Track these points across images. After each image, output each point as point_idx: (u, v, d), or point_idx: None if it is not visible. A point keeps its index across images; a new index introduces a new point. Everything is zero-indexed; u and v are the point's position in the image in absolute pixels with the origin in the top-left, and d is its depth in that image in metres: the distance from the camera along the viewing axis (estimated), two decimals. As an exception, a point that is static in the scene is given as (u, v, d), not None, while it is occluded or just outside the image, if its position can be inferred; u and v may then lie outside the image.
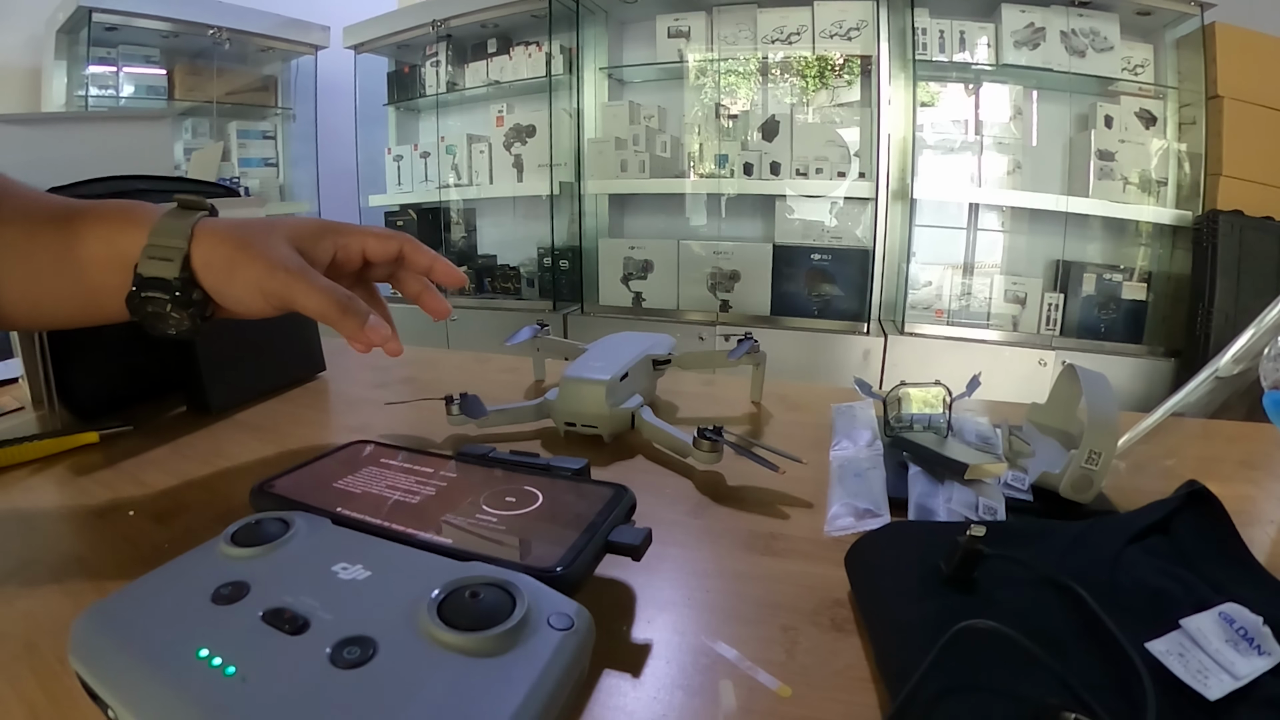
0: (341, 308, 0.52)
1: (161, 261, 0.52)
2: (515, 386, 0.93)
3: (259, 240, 0.53)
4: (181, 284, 0.52)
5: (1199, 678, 0.33)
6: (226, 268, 0.53)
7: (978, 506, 0.54)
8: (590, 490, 0.49)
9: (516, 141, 3.51)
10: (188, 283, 0.52)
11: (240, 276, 0.53)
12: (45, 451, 0.70)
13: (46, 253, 0.53)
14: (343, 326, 0.52)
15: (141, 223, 0.53)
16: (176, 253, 0.52)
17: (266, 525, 0.40)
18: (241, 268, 0.52)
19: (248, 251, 0.52)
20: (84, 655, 0.32)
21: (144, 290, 0.52)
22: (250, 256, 0.52)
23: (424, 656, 0.30)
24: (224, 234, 0.53)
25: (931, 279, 3.01)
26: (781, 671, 0.38)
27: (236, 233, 0.54)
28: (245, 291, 0.53)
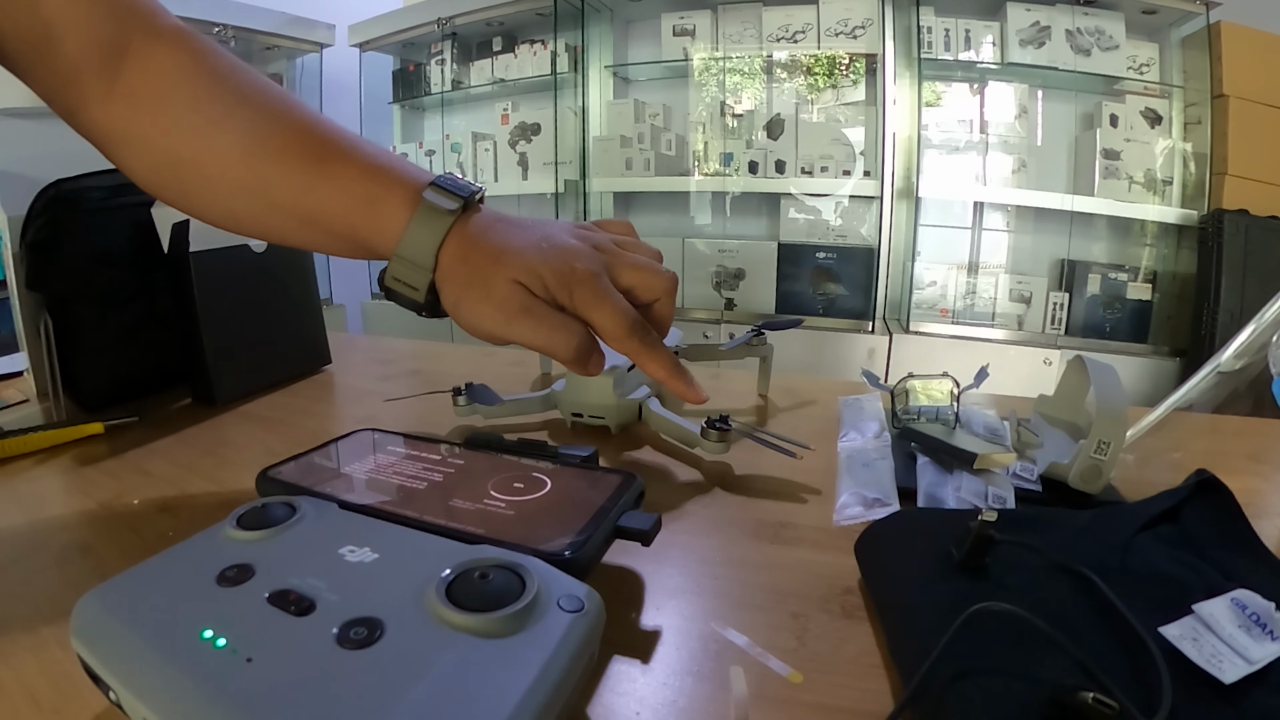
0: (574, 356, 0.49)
1: (406, 286, 0.51)
2: (521, 379, 0.93)
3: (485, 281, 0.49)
4: (431, 306, 0.51)
5: (1213, 662, 0.33)
6: (455, 299, 0.49)
7: (987, 496, 0.54)
8: (599, 477, 0.49)
9: (521, 139, 3.51)
10: (433, 303, 0.51)
11: (465, 309, 0.49)
12: (51, 442, 0.70)
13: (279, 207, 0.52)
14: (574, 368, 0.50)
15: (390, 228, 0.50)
16: (422, 277, 0.50)
17: (273, 509, 0.40)
18: (466, 303, 0.49)
19: (473, 291, 0.49)
20: (86, 637, 0.32)
21: (390, 297, 0.52)
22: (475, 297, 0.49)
23: (432, 637, 0.30)
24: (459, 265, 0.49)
25: (936, 278, 3.01)
26: (792, 658, 0.38)
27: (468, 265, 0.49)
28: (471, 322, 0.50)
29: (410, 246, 0.49)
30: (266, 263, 0.87)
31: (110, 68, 0.51)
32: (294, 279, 0.93)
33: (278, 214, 0.53)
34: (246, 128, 0.51)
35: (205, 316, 0.79)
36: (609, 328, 0.49)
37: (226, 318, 0.82)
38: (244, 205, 0.53)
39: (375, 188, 0.51)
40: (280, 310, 0.91)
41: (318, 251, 0.59)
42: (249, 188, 0.52)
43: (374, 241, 0.51)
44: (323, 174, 0.51)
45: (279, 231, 0.54)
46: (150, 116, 0.52)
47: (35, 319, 0.78)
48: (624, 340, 0.49)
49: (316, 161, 0.51)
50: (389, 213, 0.50)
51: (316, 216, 0.51)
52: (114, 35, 0.51)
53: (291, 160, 0.51)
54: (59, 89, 0.51)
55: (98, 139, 0.54)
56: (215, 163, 0.51)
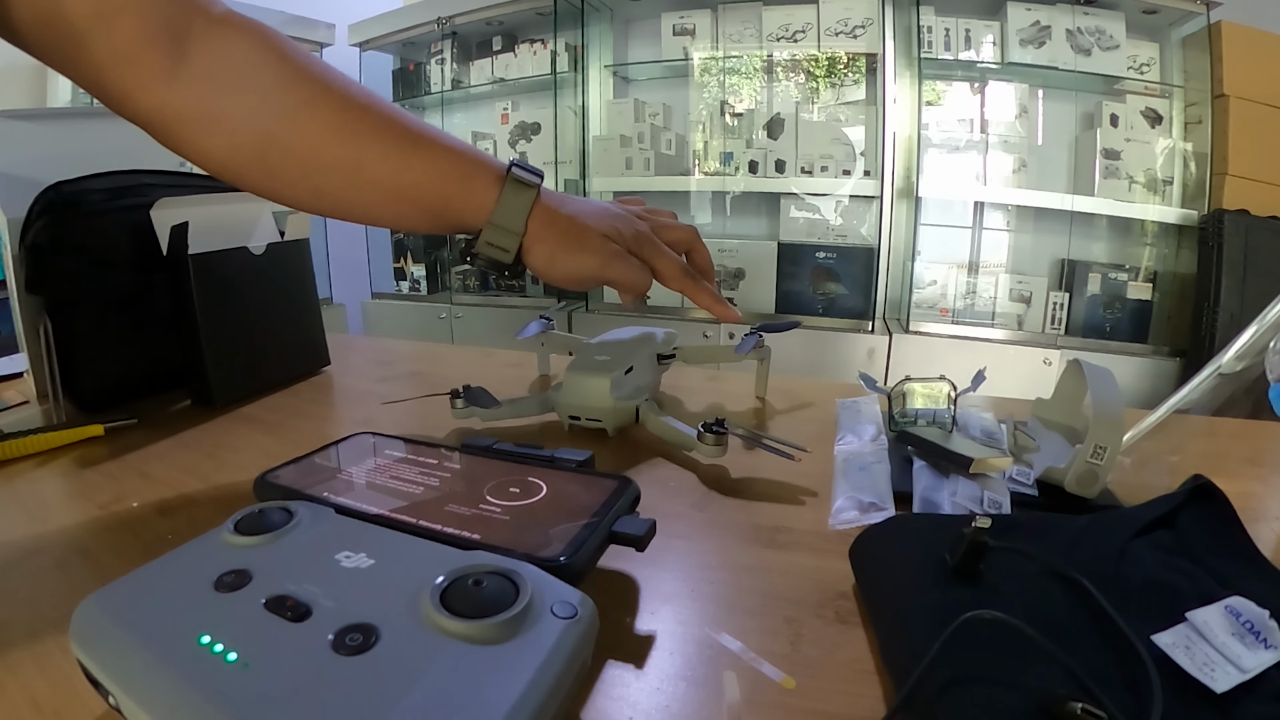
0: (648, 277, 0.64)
1: (500, 249, 0.60)
2: (520, 381, 0.93)
3: (577, 237, 0.61)
4: (514, 266, 0.61)
5: (1205, 670, 0.33)
6: (548, 262, 0.61)
7: (983, 500, 0.54)
8: (594, 482, 0.49)
9: (521, 139, 3.52)
10: (518, 263, 0.61)
11: (560, 265, 0.61)
12: (51, 444, 0.70)
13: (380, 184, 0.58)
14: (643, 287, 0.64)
15: (482, 200, 0.59)
16: (512, 240, 0.59)
17: (270, 514, 0.40)
18: (560, 258, 0.61)
19: (567, 246, 0.61)
20: (85, 642, 0.32)
21: (476, 261, 0.61)
22: (570, 250, 0.61)
23: (426, 643, 0.30)
24: (548, 225, 0.60)
25: (936, 277, 3.01)
26: (785, 663, 0.38)
27: (556, 229, 0.60)
28: (564, 275, 0.61)
29: (504, 215, 0.59)
30: (265, 265, 0.87)
31: (177, 48, 0.52)
32: (293, 281, 0.93)
33: (368, 191, 0.58)
34: (339, 109, 0.56)
35: (204, 319, 0.80)
36: (670, 271, 0.66)
37: (225, 320, 0.82)
38: (332, 183, 0.58)
39: (466, 166, 0.60)
40: (279, 312, 0.91)
41: (397, 226, 0.67)
42: (341, 166, 0.57)
43: (465, 213, 0.60)
44: (416, 153, 0.58)
45: (363, 207, 0.60)
46: (233, 96, 0.54)
47: (35, 321, 0.78)
48: (680, 279, 0.67)
49: (411, 142, 0.58)
50: (481, 187, 0.59)
51: (409, 191, 0.58)
52: (175, 16, 0.52)
53: (387, 140, 0.57)
54: (112, 70, 0.51)
55: (163, 119, 0.54)
56: (307, 143, 0.56)
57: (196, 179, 0.90)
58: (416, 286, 3.95)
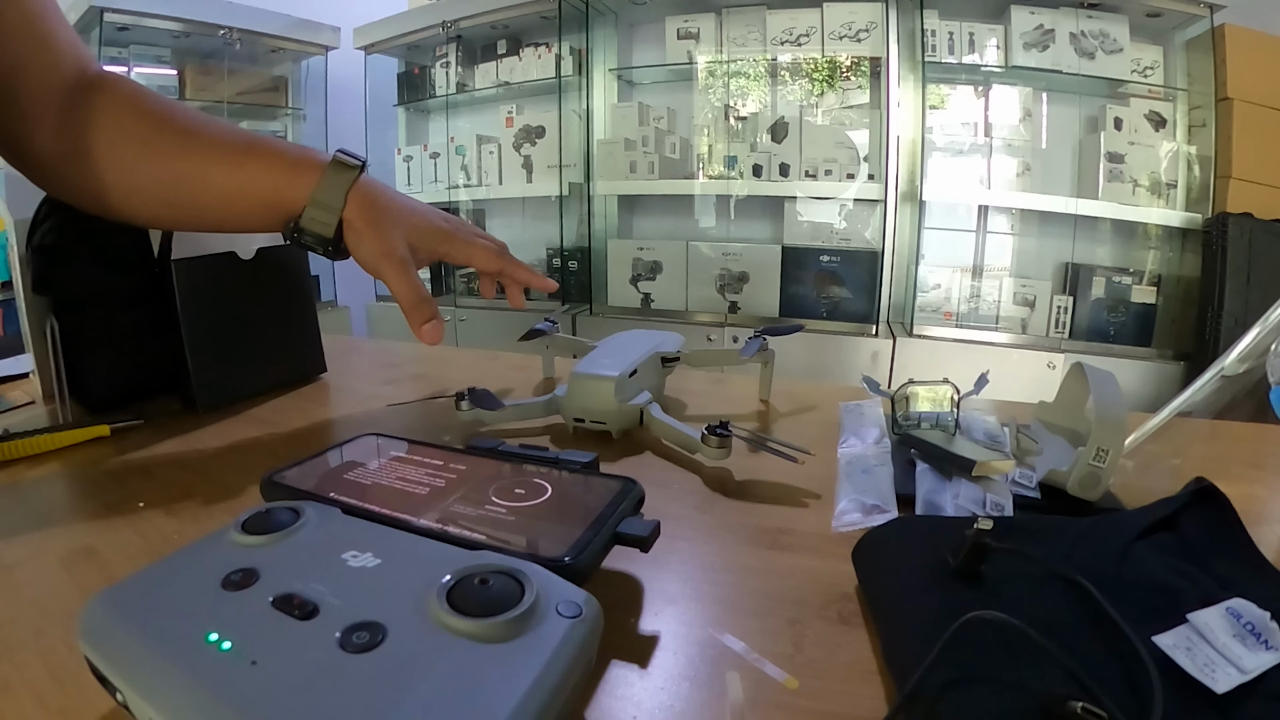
0: (412, 305, 0.67)
1: (320, 223, 0.66)
2: (524, 384, 0.94)
3: (385, 227, 0.67)
4: (335, 242, 0.67)
5: (1206, 671, 0.33)
6: (357, 239, 0.66)
7: (985, 503, 0.54)
8: (599, 483, 0.49)
9: (526, 142, 3.52)
10: (339, 240, 0.67)
11: (364, 249, 0.66)
12: (57, 444, 0.71)
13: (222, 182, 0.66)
14: (409, 319, 0.67)
15: (307, 182, 0.66)
16: (332, 215, 0.66)
17: (277, 514, 0.40)
18: (366, 244, 0.66)
19: (376, 232, 0.66)
20: (93, 639, 0.32)
21: (303, 238, 0.67)
22: (375, 238, 0.66)
23: (433, 641, 0.30)
24: (367, 207, 0.67)
25: (940, 281, 3.01)
26: (788, 664, 0.39)
27: (373, 213, 0.67)
28: (361, 259, 0.67)
29: (325, 192, 0.66)
30: (256, 271, 0.86)
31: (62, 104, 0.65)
32: (287, 287, 0.92)
33: (212, 195, 0.67)
34: (182, 132, 0.67)
35: (187, 323, 0.79)
36: (484, 254, 0.75)
37: (210, 325, 0.82)
38: (183, 194, 0.67)
39: (294, 159, 0.68)
40: (271, 319, 0.90)
41: (241, 226, 0.72)
42: (188, 177, 0.66)
43: (293, 197, 0.66)
44: (250, 157, 0.67)
45: (211, 211, 0.68)
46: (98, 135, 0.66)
47: (41, 321, 0.78)
48: (498, 259, 0.76)
49: (245, 149, 0.67)
50: (306, 171, 0.66)
51: (246, 189, 0.67)
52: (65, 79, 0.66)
53: (224, 151, 0.67)
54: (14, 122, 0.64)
55: (42, 162, 0.67)
56: (158, 162, 0.66)
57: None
58: (420, 289, 3.95)
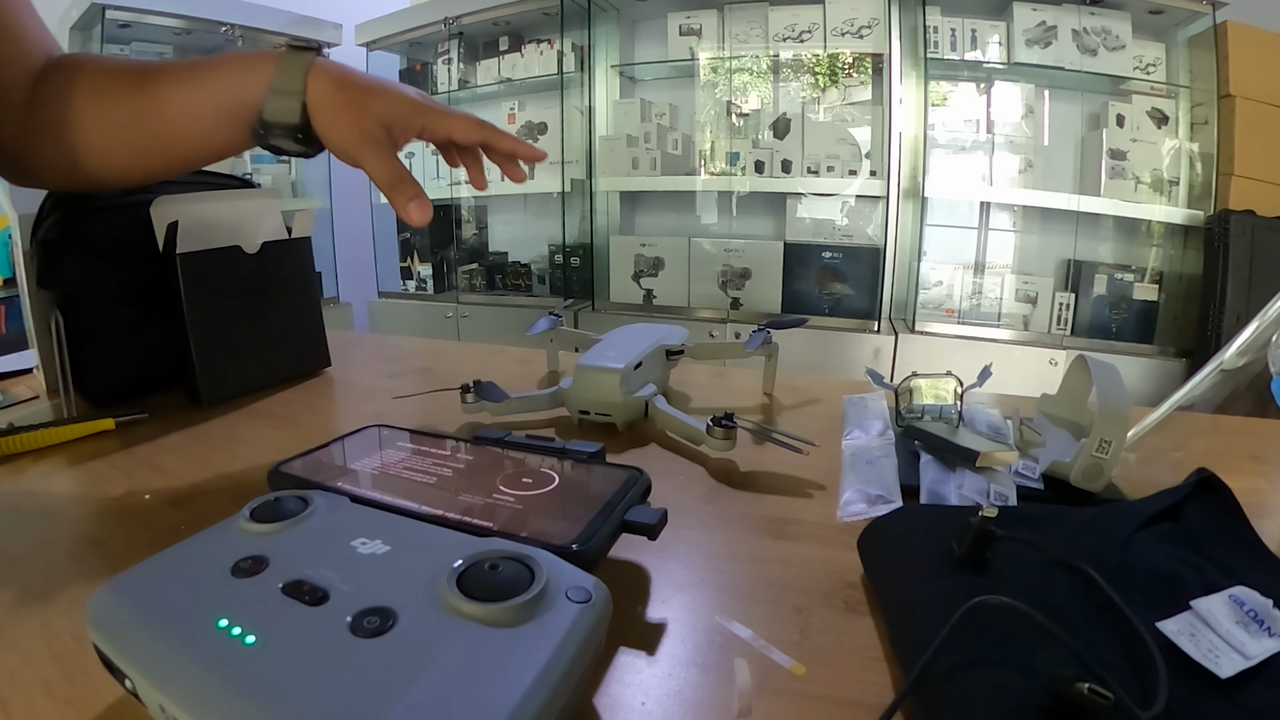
0: (392, 184, 0.62)
1: (284, 111, 0.63)
2: (529, 377, 0.94)
3: (356, 108, 0.63)
4: (303, 129, 0.63)
5: (1210, 657, 0.33)
6: (327, 125, 0.63)
7: (989, 493, 0.54)
8: (606, 472, 0.49)
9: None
10: (306, 125, 0.63)
11: (336, 133, 0.63)
12: (63, 438, 0.71)
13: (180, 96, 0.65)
14: (392, 199, 0.62)
15: (263, 73, 0.63)
16: (294, 100, 0.63)
17: (286, 502, 0.40)
18: (338, 128, 0.63)
19: (347, 116, 0.63)
20: (103, 627, 0.32)
21: (270, 135, 0.64)
22: (347, 122, 0.63)
23: (443, 626, 0.30)
24: (332, 87, 0.63)
25: (942, 278, 3.01)
26: (795, 650, 0.39)
27: (341, 93, 0.63)
28: (335, 145, 0.63)
29: (283, 78, 0.63)
30: (261, 265, 0.87)
31: (31, 88, 0.66)
32: (291, 282, 0.92)
33: (175, 120, 0.66)
34: (135, 73, 0.66)
35: (192, 317, 0.79)
36: (464, 123, 0.68)
37: (214, 319, 0.82)
38: (146, 132, 0.66)
39: (247, 60, 0.65)
40: (276, 313, 0.90)
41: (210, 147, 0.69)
42: (146, 111, 0.65)
43: (251, 94, 0.63)
44: (202, 70, 0.65)
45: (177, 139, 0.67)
46: (62, 108, 0.66)
47: (46, 316, 0.79)
48: (478, 128, 0.69)
49: (196, 67, 0.66)
50: (261, 64, 0.63)
51: (205, 103, 0.65)
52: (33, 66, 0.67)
53: (176, 75, 0.66)
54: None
55: (11, 146, 0.68)
56: (116, 108, 0.66)
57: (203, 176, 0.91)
58: (423, 285, 3.96)
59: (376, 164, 0.62)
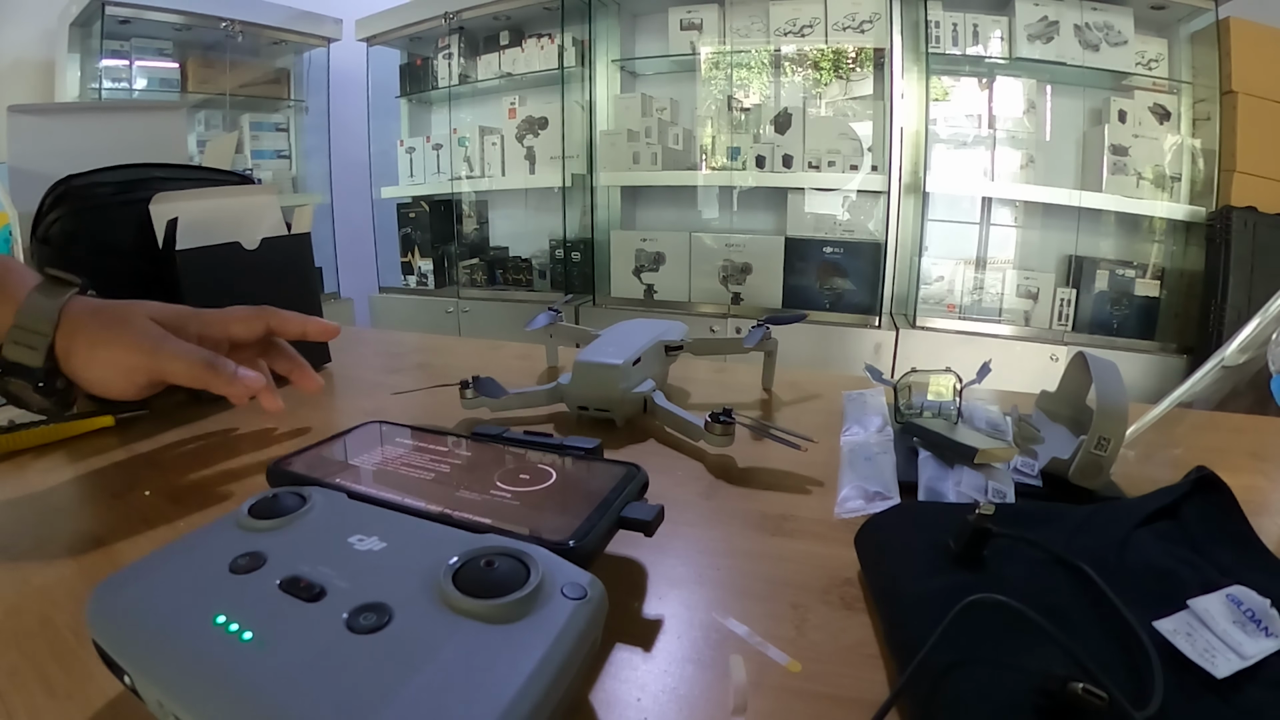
0: (206, 365, 0.53)
1: (26, 349, 0.52)
2: (528, 373, 0.94)
3: (120, 321, 0.54)
4: (45, 373, 0.52)
5: (1206, 656, 0.33)
6: (88, 354, 0.53)
7: (987, 490, 0.54)
8: (603, 468, 0.49)
9: (529, 133, 3.52)
10: (51, 372, 0.53)
11: (101, 359, 0.53)
12: (62, 434, 0.71)
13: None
14: (214, 383, 0.53)
15: (9, 299, 0.52)
16: (41, 340, 0.52)
17: (284, 499, 0.40)
18: (103, 352, 0.53)
19: (108, 334, 0.53)
20: (102, 623, 0.32)
21: (7, 374, 0.53)
22: (112, 338, 0.53)
23: (439, 622, 0.30)
24: (87, 318, 0.53)
25: (944, 273, 3.00)
26: (791, 647, 0.39)
27: (99, 317, 0.54)
28: (108, 372, 0.54)
29: (30, 312, 0.52)
30: (261, 262, 0.86)
31: None
32: (292, 276, 0.92)
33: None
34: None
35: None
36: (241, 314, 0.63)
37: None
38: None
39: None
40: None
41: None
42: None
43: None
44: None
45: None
46: None
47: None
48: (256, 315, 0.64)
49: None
50: (10, 292, 0.52)
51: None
52: None
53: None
54: None
55: None
56: None
57: (203, 172, 0.91)
58: (424, 281, 3.96)
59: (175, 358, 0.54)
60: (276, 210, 0.89)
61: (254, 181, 0.95)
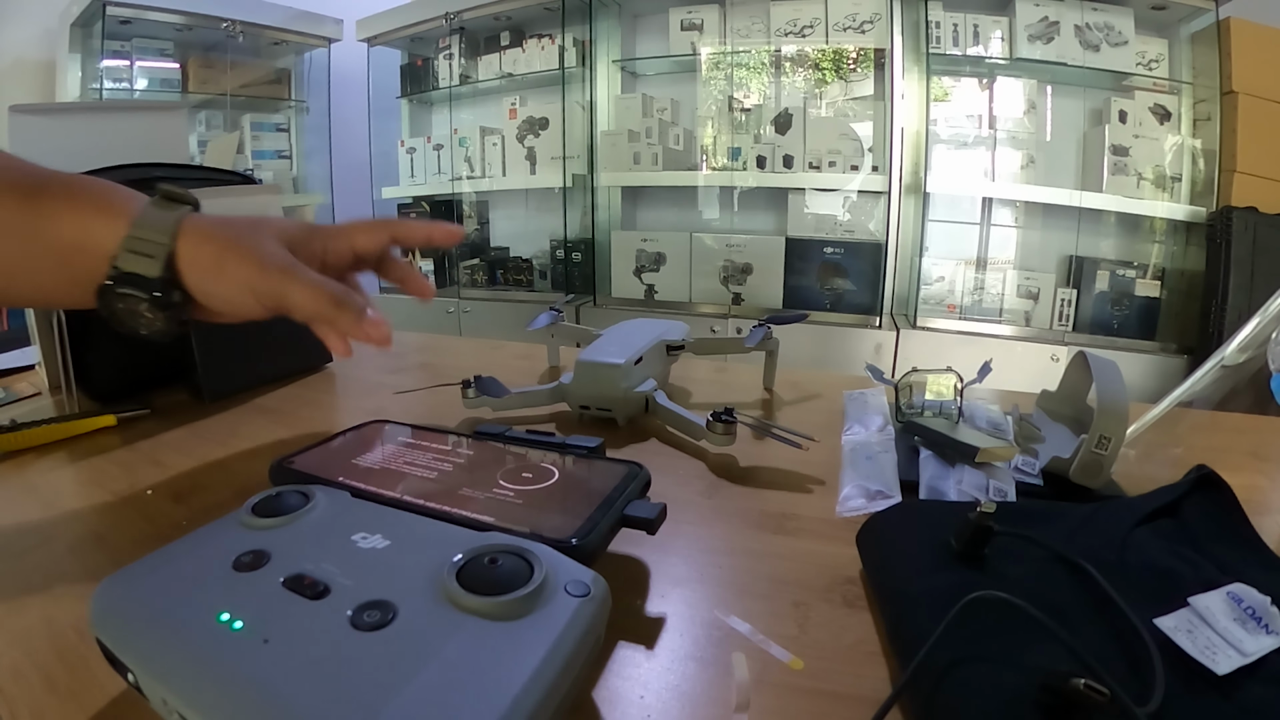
0: (336, 303, 0.49)
1: (143, 258, 0.48)
2: (529, 373, 0.94)
3: (248, 238, 0.50)
4: (162, 284, 0.49)
5: (1207, 653, 0.33)
6: (215, 266, 0.49)
7: (988, 489, 0.54)
8: (605, 467, 0.49)
9: (529, 134, 3.51)
10: (169, 283, 0.49)
11: (229, 275, 0.49)
12: (64, 434, 0.71)
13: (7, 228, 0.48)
14: (339, 322, 0.49)
15: (121, 212, 0.49)
16: (160, 249, 0.48)
17: (287, 497, 0.40)
18: (231, 266, 0.49)
19: (238, 249, 0.49)
20: (105, 620, 0.33)
21: (120, 286, 0.49)
22: (241, 254, 0.49)
23: (443, 619, 0.30)
24: (212, 231, 0.50)
25: (944, 273, 3.00)
26: (793, 645, 0.39)
27: (225, 230, 0.50)
28: (235, 291, 0.50)
29: (147, 224, 0.49)
30: (263, 260, 0.86)
31: None
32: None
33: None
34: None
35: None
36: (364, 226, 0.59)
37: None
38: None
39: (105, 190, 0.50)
40: None
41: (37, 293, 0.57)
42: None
43: (103, 236, 0.49)
44: (48, 193, 0.49)
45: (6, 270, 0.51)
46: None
47: (48, 313, 0.79)
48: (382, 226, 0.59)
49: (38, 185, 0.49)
50: (122, 201, 0.50)
51: (44, 229, 0.48)
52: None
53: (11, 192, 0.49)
54: None
55: None
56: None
57: (206, 171, 0.91)
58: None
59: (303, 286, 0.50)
60: (279, 209, 0.89)
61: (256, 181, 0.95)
